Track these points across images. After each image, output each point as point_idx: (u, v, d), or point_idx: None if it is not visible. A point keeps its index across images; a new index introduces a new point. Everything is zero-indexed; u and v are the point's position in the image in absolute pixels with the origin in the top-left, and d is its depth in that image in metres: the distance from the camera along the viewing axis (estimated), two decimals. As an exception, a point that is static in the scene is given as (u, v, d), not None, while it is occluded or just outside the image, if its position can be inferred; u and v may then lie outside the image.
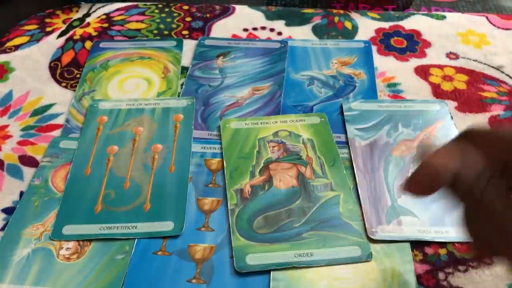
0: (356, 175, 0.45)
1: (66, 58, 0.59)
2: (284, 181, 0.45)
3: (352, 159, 0.47)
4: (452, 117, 0.51)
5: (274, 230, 0.41)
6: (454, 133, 0.49)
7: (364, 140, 0.49)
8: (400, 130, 0.50)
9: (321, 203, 0.43)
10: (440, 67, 0.58)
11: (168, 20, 0.65)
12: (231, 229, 0.41)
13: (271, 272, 0.39)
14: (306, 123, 0.50)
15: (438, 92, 0.55)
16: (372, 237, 0.41)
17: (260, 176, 0.45)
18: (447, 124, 0.50)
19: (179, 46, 0.60)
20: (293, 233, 0.41)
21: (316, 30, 0.64)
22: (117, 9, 0.67)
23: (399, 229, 0.41)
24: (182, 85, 0.55)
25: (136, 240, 0.41)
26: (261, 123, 0.50)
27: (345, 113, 0.51)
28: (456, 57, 0.59)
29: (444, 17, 0.66)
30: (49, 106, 0.53)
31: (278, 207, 0.43)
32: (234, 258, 0.39)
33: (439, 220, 0.42)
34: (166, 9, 0.67)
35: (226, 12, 0.67)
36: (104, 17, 0.65)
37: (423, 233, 0.41)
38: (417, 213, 0.42)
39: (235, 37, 0.62)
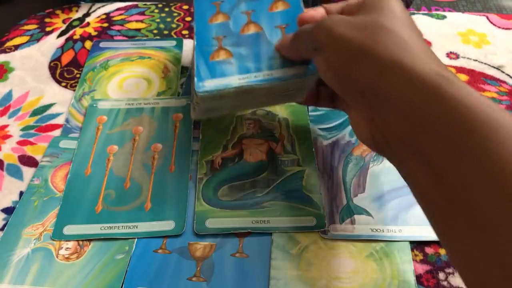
0: None
1: (66, 58, 0.59)
2: (254, 155, 0.47)
3: None
4: None
5: (236, 199, 0.44)
6: None
7: (326, 140, 0.49)
8: None
9: (285, 176, 0.45)
10: (440, 66, 0.58)
11: (168, 19, 0.65)
12: (196, 196, 0.44)
13: (271, 271, 0.39)
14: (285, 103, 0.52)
15: (438, 92, 0.54)
16: (323, 236, 0.41)
17: (232, 149, 0.48)
18: None
19: (179, 45, 0.60)
20: (254, 202, 0.43)
21: (316, 30, 0.63)
22: (117, 9, 0.67)
23: (352, 228, 0.42)
24: (182, 85, 0.55)
25: (136, 238, 0.41)
26: None
27: (309, 113, 0.51)
28: (456, 56, 0.59)
29: (444, 16, 0.66)
30: (49, 106, 0.53)
31: (245, 178, 0.45)
32: (195, 222, 0.42)
33: (393, 219, 0.42)
34: (166, 9, 0.67)
35: (226, 12, 0.66)
36: (104, 16, 0.65)
37: (375, 232, 0.41)
38: (372, 212, 0.43)
39: (235, 37, 0.62)
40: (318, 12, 0.38)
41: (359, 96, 0.31)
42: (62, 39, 0.62)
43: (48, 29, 0.63)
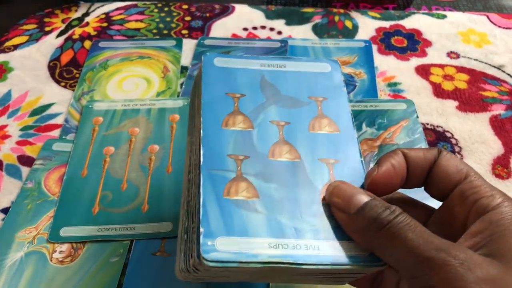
0: None
1: (65, 58, 0.59)
2: None
3: None
4: (418, 116, 0.51)
5: None
6: (419, 132, 0.49)
7: None
8: (364, 129, 0.49)
9: None
10: (441, 66, 0.58)
11: (168, 19, 0.65)
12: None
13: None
14: None
15: (438, 92, 0.54)
16: None
17: None
18: (412, 124, 0.50)
19: (179, 45, 0.60)
20: None
21: (316, 30, 0.63)
22: (116, 9, 0.67)
23: None
24: (181, 84, 0.55)
25: (134, 241, 0.41)
26: None
27: None
28: (457, 56, 0.59)
29: (444, 16, 0.65)
30: (48, 106, 0.53)
31: None
32: None
33: None
34: (166, 9, 0.67)
35: (225, 11, 0.66)
36: (103, 16, 0.65)
37: None
38: None
39: (235, 37, 0.62)
40: (397, 170, 0.27)
41: None
42: (61, 39, 0.62)
43: (47, 29, 0.63)
